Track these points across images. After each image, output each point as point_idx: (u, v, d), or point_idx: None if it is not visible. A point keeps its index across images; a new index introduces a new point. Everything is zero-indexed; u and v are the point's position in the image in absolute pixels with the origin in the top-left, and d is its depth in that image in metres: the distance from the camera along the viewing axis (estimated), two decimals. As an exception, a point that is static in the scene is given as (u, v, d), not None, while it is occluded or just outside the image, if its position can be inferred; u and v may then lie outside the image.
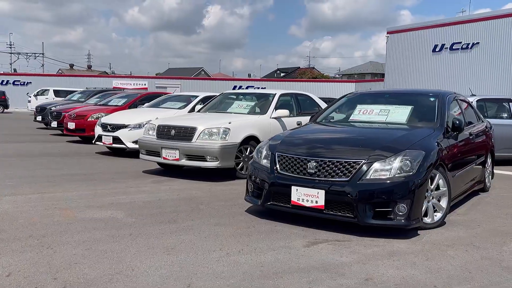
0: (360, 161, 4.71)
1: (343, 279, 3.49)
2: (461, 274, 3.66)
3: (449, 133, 5.63)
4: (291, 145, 5.30)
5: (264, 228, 4.84)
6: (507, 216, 5.71)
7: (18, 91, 39.78)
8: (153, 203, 5.90)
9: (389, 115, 6.04)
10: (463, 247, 4.38)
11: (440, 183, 5.10)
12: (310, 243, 4.36)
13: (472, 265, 3.89)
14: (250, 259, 3.86)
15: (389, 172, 4.64)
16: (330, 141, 5.36)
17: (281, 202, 5.05)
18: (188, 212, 5.46)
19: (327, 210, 4.76)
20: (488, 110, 11.48)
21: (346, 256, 4.03)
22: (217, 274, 3.49)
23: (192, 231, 4.66)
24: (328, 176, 4.76)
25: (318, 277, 3.50)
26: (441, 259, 4.00)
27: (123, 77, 44.35)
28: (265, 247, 4.19)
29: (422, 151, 4.83)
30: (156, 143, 8.00)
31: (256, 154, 5.57)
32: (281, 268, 3.67)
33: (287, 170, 5.04)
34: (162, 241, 4.30)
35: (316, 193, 4.75)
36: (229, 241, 4.34)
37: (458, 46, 29.38)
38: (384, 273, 3.63)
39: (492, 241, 4.59)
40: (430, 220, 4.99)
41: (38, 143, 13.32)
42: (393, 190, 4.55)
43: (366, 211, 4.58)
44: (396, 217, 4.58)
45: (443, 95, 6.20)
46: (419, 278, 3.56)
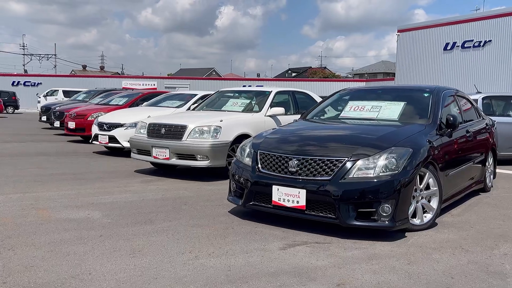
0: (342, 159, 4.47)
1: (313, 284, 3.26)
2: (442, 280, 3.40)
3: (442, 130, 5.36)
4: (274, 143, 5.08)
5: (243, 230, 4.61)
6: (504, 217, 5.42)
7: (29, 91, 40.05)
8: (134, 203, 5.71)
9: (381, 111, 5.78)
10: (451, 250, 4.12)
11: (431, 183, 4.83)
12: (288, 246, 4.13)
13: (457, 269, 3.63)
14: (218, 262, 3.65)
15: (373, 171, 4.39)
16: (314, 138, 5.12)
17: (263, 202, 4.82)
18: (168, 212, 5.26)
19: (309, 211, 4.52)
20: (494, 107, 11.14)
21: (322, 259, 3.79)
22: (178, 279, 3.28)
23: (166, 232, 4.45)
24: (310, 175, 4.53)
25: (287, 282, 3.27)
26: (424, 263, 3.74)
27: (133, 78, 44.42)
28: (239, 250, 3.97)
29: (409, 148, 4.58)
30: (147, 142, 7.82)
31: (239, 153, 5.35)
32: (249, 272, 3.44)
33: (269, 169, 4.81)
34: (132, 243, 4.10)
35: (297, 193, 4.52)
36: (202, 243, 4.13)
37: (470, 44, 28.88)
38: (359, 278, 3.39)
39: (483, 244, 4.32)
40: (419, 222, 4.73)
41: (38, 143, 13.24)
42: (377, 189, 4.30)
43: (349, 212, 4.34)
44: (380, 218, 4.33)
45: (438, 90, 5.92)
46: (395, 283, 3.31)
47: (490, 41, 27.78)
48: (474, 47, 28.71)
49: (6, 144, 12.60)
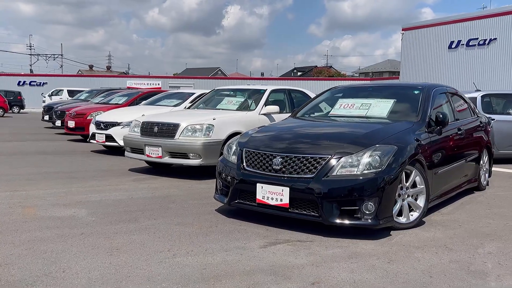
0: (326, 157, 4.42)
1: (287, 282, 3.22)
2: (420, 279, 3.35)
3: (431, 127, 5.30)
4: (259, 141, 5.04)
5: (227, 228, 4.58)
6: (495, 216, 5.35)
7: (35, 91, 40.27)
8: (123, 201, 5.69)
9: (370, 109, 5.72)
10: (434, 249, 4.06)
11: (417, 180, 4.77)
12: (269, 244, 4.09)
13: (437, 268, 3.57)
14: (195, 260, 3.61)
15: (356, 168, 4.34)
16: (299, 136, 5.07)
17: (248, 200, 4.78)
18: (154, 211, 5.23)
19: (292, 209, 4.48)
20: (494, 106, 11.03)
21: (301, 258, 3.75)
22: (151, 277, 3.25)
23: (148, 230, 4.43)
24: (294, 173, 4.49)
25: (261, 281, 3.23)
26: (404, 262, 3.69)
27: (137, 77, 44.53)
28: (218, 248, 3.94)
29: (394, 146, 4.52)
30: (140, 140, 7.81)
31: (226, 151, 5.32)
32: (224, 271, 3.41)
33: (254, 167, 4.78)
34: (112, 241, 4.08)
35: (281, 191, 4.48)
36: (182, 242, 4.10)
37: (475, 42, 28.66)
38: (335, 277, 3.34)
39: (469, 243, 4.26)
40: (405, 220, 4.67)
41: (38, 142, 13.28)
42: (360, 187, 4.25)
43: (332, 210, 4.29)
44: (364, 216, 4.28)
45: (428, 88, 5.86)
46: (371, 282, 3.27)
47: (495, 39, 27.57)
48: (479, 45, 28.49)
49: (6, 143, 12.65)
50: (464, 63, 29.02)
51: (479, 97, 10.53)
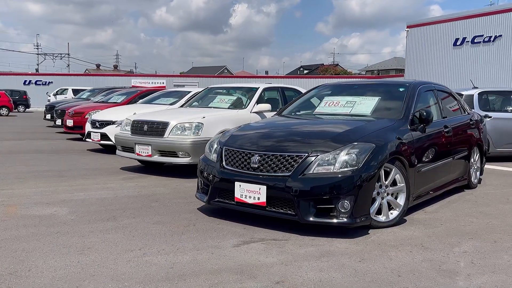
0: (303, 155, 4.39)
1: (251, 282, 3.19)
2: (388, 278, 3.31)
3: (415, 125, 5.24)
4: (240, 139, 5.01)
5: (204, 227, 4.56)
6: (479, 214, 5.29)
7: (40, 90, 40.47)
8: (106, 200, 5.69)
9: (355, 106, 5.68)
10: (410, 247, 4.02)
11: (397, 179, 4.73)
12: (243, 243, 4.06)
13: (407, 267, 3.53)
14: (164, 259, 3.60)
15: (333, 166, 4.31)
16: (280, 134, 5.03)
17: (227, 199, 4.76)
18: (136, 209, 5.23)
19: (270, 207, 4.46)
20: (491, 103, 10.92)
21: (272, 256, 3.72)
22: (116, 276, 3.24)
23: (125, 229, 4.42)
24: (271, 171, 4.46)
25: (225, 280, 3.21)
26: (375, 261, 3.65)
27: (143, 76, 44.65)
28: (191, 247, 3.92)
29: (372, 144, 4.48)
30: (130, 139, 7.81)
31: (207, 149, 5.30)
32: (191, 270, 3.39)
33: (232, 165, 4.75)
34: (85, 239, 4.07)
35: (258, 189, 4.45)
36: (156, 240, 4.08)
37: (480, 39, 28.45)
38: (301, 276, 3.31)
39: (446, 242, 4.21)
40: (384, 219, 4.63)
41: (37, 141, 13.35)
42: (335, 185, 4.21)
43: (307, 208, 4.26)
44: (340, 215, 4.24)
45: (414, 85, 5.80)
46: (337, 281, 3.23)
47: (500, 36, 27.34)
48: (484, 42, 28.28)
49: (4, 142, 12.72)
50: (469, 60, 28.81)
51: (476, 94, 10.44)
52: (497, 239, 4.32)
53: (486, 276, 3.39)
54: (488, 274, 3.42)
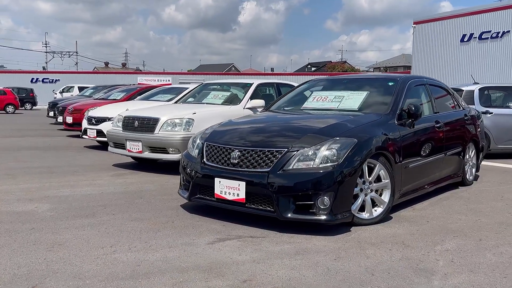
0: (282, 150, 4.28)
1: (218, 280, 3.09)
2: (360, 277, 3.20)
3: (402, 120, 5.11)
4: (221, 134, 4.92)
5: (183, 223, 4.47)
6: (469, 212, 5.15)
7: (47, 88, 40.65)
8: (91, 196, 5.62)
9: (343, 101, 5.55)
10: (390, 245, 3.89)
11: (382, 175, 4.60)
12: (219, 240, 3.96)
13: (383, 266, 3.41)
14: (133, 257, 3.51)
15: (313, 162, 4.19)
16: (262, 130, 4.92)
17: (207, 195, 4.67)
18: (118, 206, 5.15)
19: (249, 204, 4.35)
20: (492, 99, 10.73)
21: (246, 254, 3.62)
22: (79, 274, 3.15)
23: (101, 226, 4.34)
24: (250, 167, 4.36)
25: (191, 278, 3.11)
26: (351, 259, 3.54)
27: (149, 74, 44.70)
28: (164, 244, 3.83)
29: (354, 138, 4.35)
30: (121, 135, 7.74)
31: (190, 145, 5.20)
32: (158, 268, 3.30)
33: (213, 161, 4.66)
34: (58, 236, 4.00)
35: (238, 185, 4.35)
36: (130, 237, 4.00)
37: (488, 35, 28.08)
38: (271, 274, 3.21)
39: (429, 240, 4.08)
40: (367, 216, 4.51)
41: (36, 138, 13.33)
42: (314, 181, 4.10)
43: (286, 205, 4.15)
44: (319, 211, 4.13)
45: (403, 80, 5.66)
46: (307, 280, 3.12)
47: (508, 31, 26.97)
48: (492, 38, 27.91)
49: (3, 139, 12.73)
50: (476, 56, 28.46)
51: (477, 90, 10.24)
52: (482, 237, 4.18)
53: (463, 275, 3.26)
54: (466, 274, 3.29)
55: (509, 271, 3.35)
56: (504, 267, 3.44)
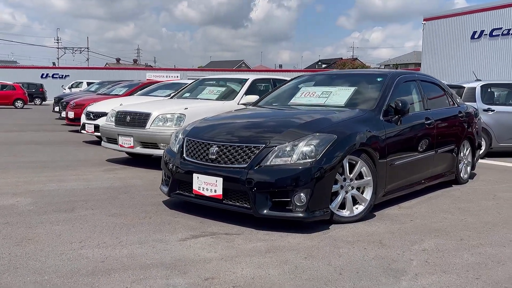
0: (260, 146, 4.20)
1: (179, 278, 3.02)
2: (327, 276, 3.11)
3: (389, 116, 5.00)
4: (201, 129, 4.85)
5: (160, 219, 4.41)
6: (456, 211, 5.03)
7: (57, 84, 40.91)
8: (76, 191, 5.58)
9: (330, 97, 5.45)
10: (366, 244, 3.80)
11: (364, 172, 4.50)
12: (192, 237, 3.90)
13: (353, 265, 3.32)
14: (99, 253, 3.45)
15: (290, 158, 4.11)
16: (242, 125, 4.84)
17: (186, 191, 4.61)
18: (100, 201, 5.10)
19: (226, 200, 4.28)
20: (495, 96, 10.54)
21: (215, 251, 3.55)
22: (40, 269, 3.10)
23: (76, 221, 4.29)
24: (228, 163, 4.28)
25: (152, 275, 3.05)
26: (322, 258, 3.45)
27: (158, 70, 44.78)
28: (135, 240, 3.77)
29: (333, 135, 4.26)
30: (114, 130, 7.71)
31: (172, 139, 5.14)
32: (122, 264, 3.24)
33: (192, 156, 4.59)
34: (30, 231, 3.95)
35: (215, 181, 4.28)
36: (102, 233, 3.95)
37: (499, 32, 27.70)
38: (236, 272, 3.13)
39: (408, 239, 3.98)
40: (348, 213, 4.42)
41: (39, 132, 13.38)
42: (291, 177, 4.02)
43: (263, 201, 4.07)
44: (295, 208, 4.04)
45: (392, 76, 5.54)
46: (270, 278, 3.05)
47: (519, 28, 26.58)
48: (503, 35, 27.52)
49: (6, 134, 12.78)
50: (487, 53, 28.08)
51: (479, 87, 10.05)
52: (464, 237, 4.07)
53: (435, 276, 3.16)
54: (438, 274, 3.19)
55: (483, 272, 3.24)
56: (479, 267, 3.33)
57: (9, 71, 43.54)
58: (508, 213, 4.99)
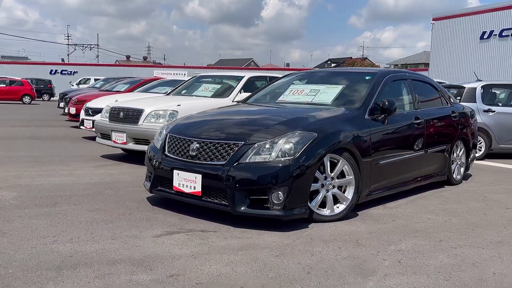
0: (239, 143, 4.17)
1: (143, 274, 3.00)
2: (293, 275, 3.08)
3: (375, 115, 4.95)
4: (184, 126, 4.82)
5: (139, 215, 4.40)
6: (443, 212, 4.97)
7: (65, 80, 41.19)
8: (63, 186, 5.59)
9: (318, 95, 5.41)
10: (341, 243, 3.76)
11: (346, 170, 4.45)
12: (167, 233, 3.88)
13: (324, 264, 3.29)
14: (70, 248, 3.44)
15: (269, 155, 4.07)
16: (225, 122, 4.81)
17: (167, 187, 4.59)
18: (84, 196, 5.10)
19: (206, 197, 4.26)
20: (496, 97, 10.41)
21: (187, 248, 3.53)
22: (7, 263, 3.08)
23: (56, 215, 4.29)
24: (208, 159, 4.26)
25: (117, 271, 3.03)
26: (293, 256, 3.42)
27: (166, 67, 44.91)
28: (108, 236, 3.76)
29: (314, 133, 4.22)
30: (108, 126, 7.72)
31: (157, 135, 5.13)
32: (90, 259, 3.22)
33: (173, 153, 4.58)
34: (7, 224, 3.96)
35: (194, 178, 4.26)
36: (78, 228, 3.94)
37: (508, 32, 27.45)
38: (202, 269, 3.11)
39: (386, 239, 3.93)
40: (328, 212, 4.37)
41: (41, 127, 13.46)
42: (269, 175, 3.98)
43: (240, 199, 4.05)
44: (273, 206, 4.01)
45: (380, 74, 5.48)
46: (236, 276, 3.02)
47: (530, 29, 26.30)
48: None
49: (7, 128, 12.87)
50: (496, 54, 27.80)
51: (479, 88, 9.94)
52: (444, 238, 4.02)
53: (404, 276, 3.12)
54: (408, 275, 3.15)
55: (454, 274, 3.19)
56: (451, 269, 3.28)
57: (20, 67, 43.97)
58: (494, 215, 4.92)
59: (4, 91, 29.17)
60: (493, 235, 4.18)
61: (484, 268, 3.33)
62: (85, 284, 2.82)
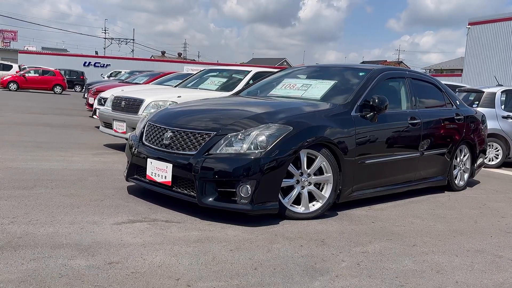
0: (211, 133, 4.06)
1: (82, 260, 2.92)
2: (239, 270, 2.94)
3: (363, 112, 4.76)
4: (164, 115, 4.73)
5: (110, 203, 4.33)
6: (431, 217, 4.74)
7: (98, 72, 41.93)
8: (50, 171, 5.58)
9: (308, 90, 5.24)
10: (306, 241, 3.60)
11: (324, 167, 4.28)
12: (129, 221, 3.80)
13: (276, 261, 3.14)
14: (23, 229, 3.39)
15: (241, 147, 3.94)
16: (204, 112, 4.71)
17: (142, 176, 4.51)
18: (65, 181, 5.07)
19: (176, 187, 4.16)
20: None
21: (141, 237, 3.43)
22: (-50, 240, 3.07)
23: (27, 198, 4.26)
24: (180, 149, 4.16)
25: (57, 255, 2.95)
26: (248, 252, 3.28)
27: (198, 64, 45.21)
28: (69, 221, 3.69)
29: (289, 126, 4.06)
30: (110, 115, 7.73)
31: (139, 124, 5.06)
32: (36, 242, 3.16)
33: (149, 141, 4.50)
34: (-27, 204, 3.95)
35: (165, 167, 4.17)
36: (43, 211, 3.89)
37: (547, 39, 26.45)
38: (146, 259, 3.01)
39: (355, 240, 3.75)
40: (303, 210, 4.21)
41: (58, 116, 13.67)
42: (237, 167, 3.85)
43: (209, 191, 3.93)
44: (240, 200, 3.88)
45: (375, 71, 5.27)
46: (178, 268, 2.90)
47: None
48: (551, 42, 26.27)
49: (26, 115, 13.09)
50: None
51: (499, 93, 9.55)
52: (419, 243, 3.81)
53: (356, 279, 2.94)
54: (361, 278, 2.97)
55: (412, 280, 3.00)
56: (412, 275, 3.09)
57: (57, 58, 44.94)
58: (486, 223, 4.66)
59: (36, 81, 29.89)
60: (474, 243, 3.94)
61: (448, 276, 3.12)
62: (18, 266, 2.75)
